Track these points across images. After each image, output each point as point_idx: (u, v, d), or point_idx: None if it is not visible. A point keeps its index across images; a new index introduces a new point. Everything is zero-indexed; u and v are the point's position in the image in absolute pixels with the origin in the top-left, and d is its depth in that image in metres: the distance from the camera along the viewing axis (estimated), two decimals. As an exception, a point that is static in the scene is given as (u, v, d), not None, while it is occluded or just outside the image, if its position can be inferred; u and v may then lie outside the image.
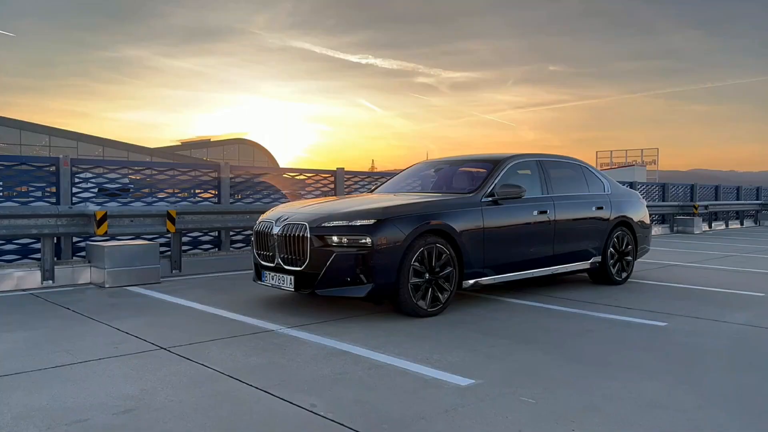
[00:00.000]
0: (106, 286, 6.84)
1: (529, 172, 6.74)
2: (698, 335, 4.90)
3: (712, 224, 19.08)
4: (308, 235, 5.22)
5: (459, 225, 5.62)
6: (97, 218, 6.94)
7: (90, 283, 7.13)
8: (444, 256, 5.47)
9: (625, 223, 7.48)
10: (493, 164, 6.41)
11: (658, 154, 61.01)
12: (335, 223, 5.23)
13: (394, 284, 5.17)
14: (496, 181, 6.18)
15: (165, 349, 4.28)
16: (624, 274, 7.45)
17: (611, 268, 7.24)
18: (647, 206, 8.33)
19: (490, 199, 6.00)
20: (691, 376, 3.83)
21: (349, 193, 10.66)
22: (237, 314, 5.45)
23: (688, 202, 18.24)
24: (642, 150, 61.71)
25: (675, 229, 17.20)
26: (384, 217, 5.22)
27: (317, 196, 10.32)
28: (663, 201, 17.74)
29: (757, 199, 22.41)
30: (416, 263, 5.27)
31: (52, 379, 3.60)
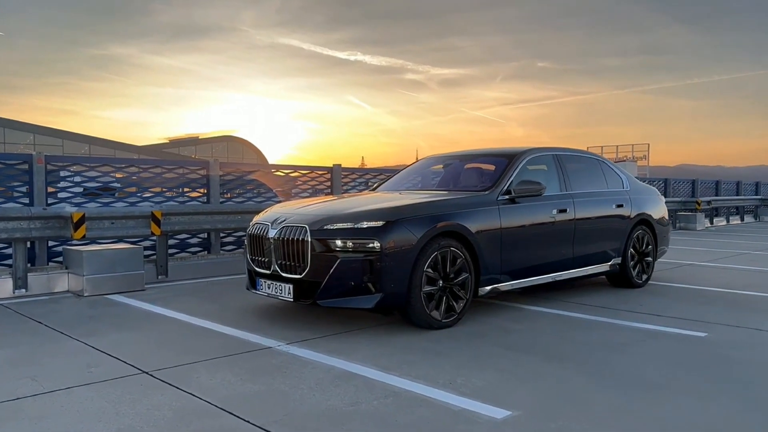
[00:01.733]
0: (85, 294, 6.25)
1: (545, 167, 6.22)
2: (745, 348, 4.39)
3: (713, 220, 18.69)
4: (309, 239, 4.67)
5: (475, 226, 5.08)
6: (74, 221, 6.34)
7: (67, 292, 6.53)
8: (459, 260, 4.93)
9: (645, 221, 6.98)
10: (507, 159, 5.88)
11: (649, 150, 60.67)
12: (339, 225, 4.68)
13: (406, 293, 4.63)
14: (512, 177, 5.64)
15: (147, 373, 3.71)
16: (644, 277, 6.95)
17: (631, 270, 6.74)
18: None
19: (506, 197, 5.47)
20: (758, 400, 3.32)
21: (346, 191, 10.10)
22: (229, 327, 4.89)
23: (690, 197, 17.84)
24: (633, 145, 61.28)
25: (677, 225, 16.78)
26: (394, 219, 4.68)
27: (312, 195, 9.77)
28: (665, 197, 17.31)
29: (756, 194, 22.08)
30: (429, 269, 4.74)
31: (9, 417, 3.03)
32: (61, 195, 7.45)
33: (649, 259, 7.02)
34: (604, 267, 6.50)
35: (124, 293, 6.39)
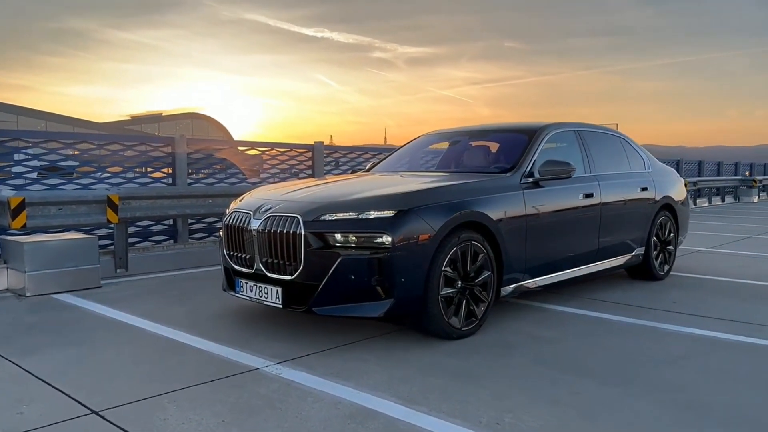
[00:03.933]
0: (28, 294, 5.26)
1: (566, 145, 5.44)
2: (824, 360, 3.70)
3: (697, 201, 18.33)
4: (302, 232, 3.78)
5: (497, 214, 4.27)
6: (12, 207, 5.31)
7: (6, 291, 5.52)
8: (480, 256, 4.12)
9: (668, 206, 6.28)
10: (527, 136, 5.06)
11: (617, 129, 60.96)
12: (339, 215, 3.80)
13: (422, 298, 3.80)
14: (534, 157, 4.84)
15: (97, 413, 2.82)
16: (666, 267, 6.27)
17: (654, 260, 6.05)
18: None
19: (530, 180, 4.67)
20: None
21: (327, 172, 9.18)
22: (203, 339, 4.00)
23: (675, 178, 17.42)
24: (602, 125, 61.51)
25: (663, 206, 16.33)
26: (406, 207, 3.82)
27: (293, 175, 8.83)
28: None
29: (735, 175, 21.87)
30: (448, 268, 3.91)
31: None
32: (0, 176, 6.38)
33: (671, 247, 6.35)
34: (626, 258, 5.78)
35: (76, 292, 5.43)
